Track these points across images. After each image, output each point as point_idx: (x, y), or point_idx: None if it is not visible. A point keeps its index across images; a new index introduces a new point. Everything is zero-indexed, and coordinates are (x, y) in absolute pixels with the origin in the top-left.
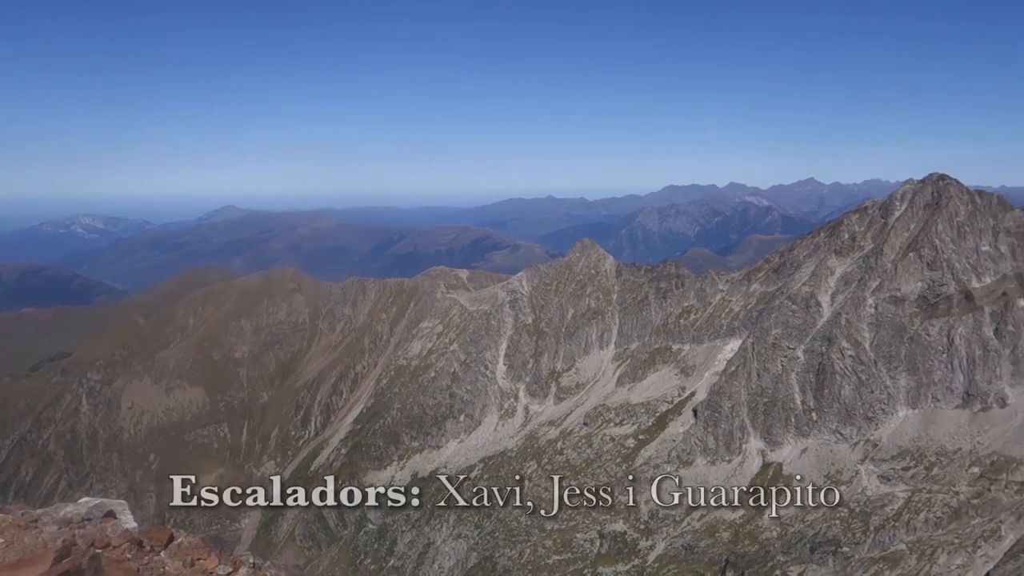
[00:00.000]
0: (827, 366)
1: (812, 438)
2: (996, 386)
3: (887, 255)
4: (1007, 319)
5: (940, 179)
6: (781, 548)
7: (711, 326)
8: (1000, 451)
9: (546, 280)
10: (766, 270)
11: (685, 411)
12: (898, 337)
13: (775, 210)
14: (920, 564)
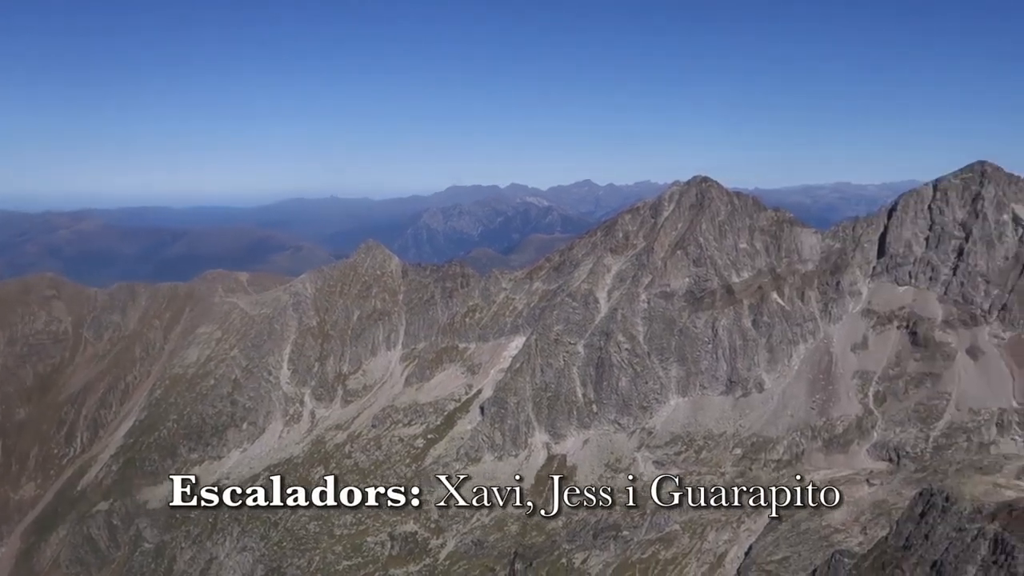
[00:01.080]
0: (605, 359)
1: (593, 429)
2: (755, 373)
3: (657, 253)
4: (763, 311)
5: (703, 181)
6: (566, 537)
7: (496, 324)
8: (759, 432)
9: (330, 282)
10: (547, 269)
11: (472, 409)
12: (669, 330)
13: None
14: (692, 542)
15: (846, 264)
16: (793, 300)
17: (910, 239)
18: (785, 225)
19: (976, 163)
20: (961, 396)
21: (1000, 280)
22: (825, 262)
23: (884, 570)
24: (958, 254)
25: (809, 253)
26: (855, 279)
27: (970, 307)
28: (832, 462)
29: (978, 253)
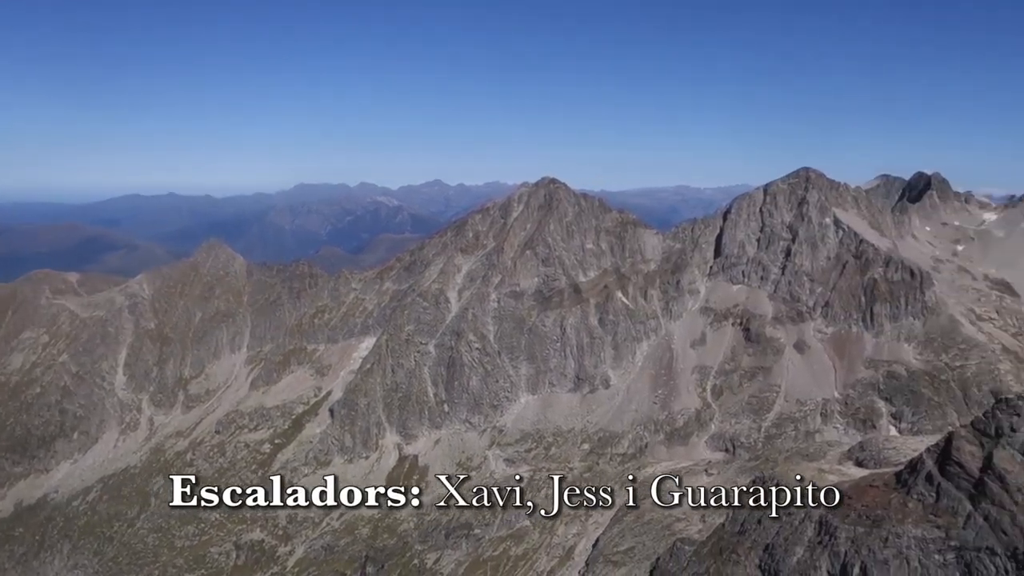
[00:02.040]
0: (456, 359)
1: (445, 428)
2: (601, 370)
3: (507, 253)
4: (608, 309)
5: (551, 183)
6: (419, 537)
7: (345, 325)
8: (606, 427)
9: (170, 282)
10: (398, 268)
11: (322, 411)
12: (518, 329)
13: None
14: (542, 537)
15: (686, 264)
16: (637, 299)
17: (743, 240)
18: (629, 226)
19: (801, 169)
20: (789, 388)
21: (823, 279)
22: (666, 262)
23: (721, 555)
24: (786, 254)
25: (651, 253)
26: (694, 278)
27: (797, 304)
28: (674, 454)
29: (803, 254)
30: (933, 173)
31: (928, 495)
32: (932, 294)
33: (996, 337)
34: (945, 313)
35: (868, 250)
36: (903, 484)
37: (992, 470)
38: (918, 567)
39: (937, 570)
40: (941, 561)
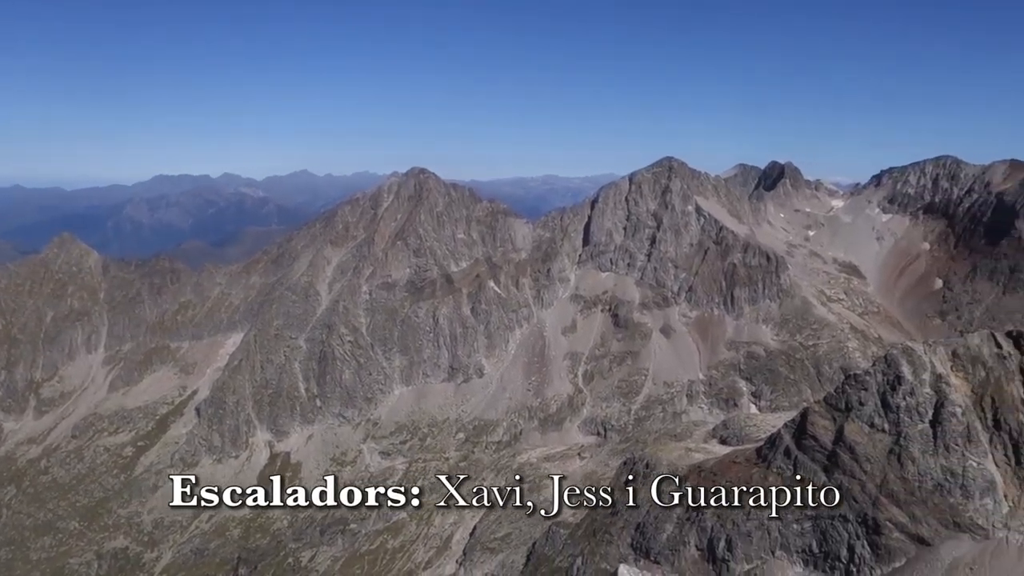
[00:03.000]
0: (328, 353)
1: (317, 424)
2: (475, 359)
3: (378, 244)
4: (480, 299)
5: (421, 172)
6: (292, 536)
7: (211, 321)
8: (480, 416)
9: (17, 280)
10: (265, 262)
11: (188, 411)
12: (391, 320)
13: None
14: (419, 528)
15: (556, 253)
16: (509, 288)
17: (611, 228)
18: (500, 216)
19: (664, 159)
20: (657, 371)
21: (687, 264)
22: (537, 251)
23: (595, 536)
24: (651, 242)
25: (522, 242)
26: (564, 266)
27: (662, 290)
28: (548, 440)
29: (668, 241)
30: (786, 163)
31: (786, 468)
32: (787, 278)
33: (845, 317)
34: (799, 295)
35: (728, 236)
36: (763, 459)
37: (843, 442)
38: (778, 537)
39: (795, 539)
40: (799, 530)
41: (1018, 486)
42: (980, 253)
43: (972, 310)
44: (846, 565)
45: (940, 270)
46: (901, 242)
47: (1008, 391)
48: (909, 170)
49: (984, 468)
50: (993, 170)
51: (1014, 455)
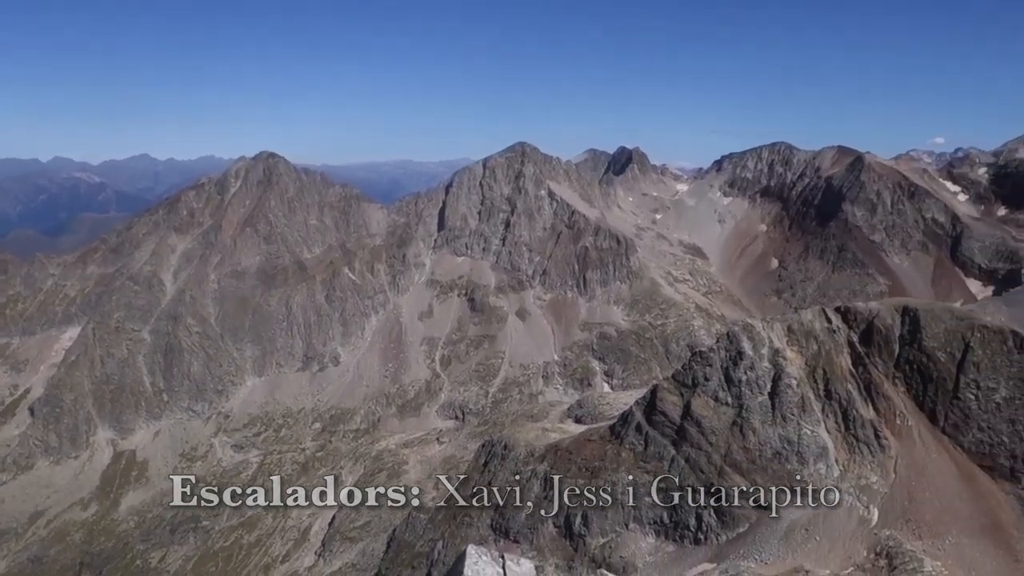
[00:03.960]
0: (175, 345)
1: (165, 419)
2: (330, 347)
3: (226, 231)
4: (335, 286)
5: (270, 157)
6: (140, 537)
7: (44, 315)
8: (337, 405)
9: None
10: (103, 251)
11: (20, 411)
12: (242, 309)
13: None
14: (276, 521)
15: (411, 238)
16: (364, 274)
17: (465, 213)
18: (353, 201)
19: (517, 144)
20: (513, 353)
21: (540, 248)
22: (392, 236)
23: (456, 519)
24: (506, 226)
25: (377, 228)
26: (419, 251)
27: (517, 273)
28: (406, 426)
29: (522, 225)
30: (634, 148)
31: (638, 443)
32: (636, 259)
33: (690, 297)
34: (647, 277)
35: (580, 220)
36: (616, 436)
37: (691, 416)
38: (631, 510)
39: (647, 511)
40: (651, 502)
41: (847, 451)
42: (812, 234)
43: (805, 287)
44: (694, 533)
45: (776, 250)
46: (741, 224)
47: (838, 363)
48: (747, 155)
49: (817, 435)
50: (822, 156)
51: (843, 422)
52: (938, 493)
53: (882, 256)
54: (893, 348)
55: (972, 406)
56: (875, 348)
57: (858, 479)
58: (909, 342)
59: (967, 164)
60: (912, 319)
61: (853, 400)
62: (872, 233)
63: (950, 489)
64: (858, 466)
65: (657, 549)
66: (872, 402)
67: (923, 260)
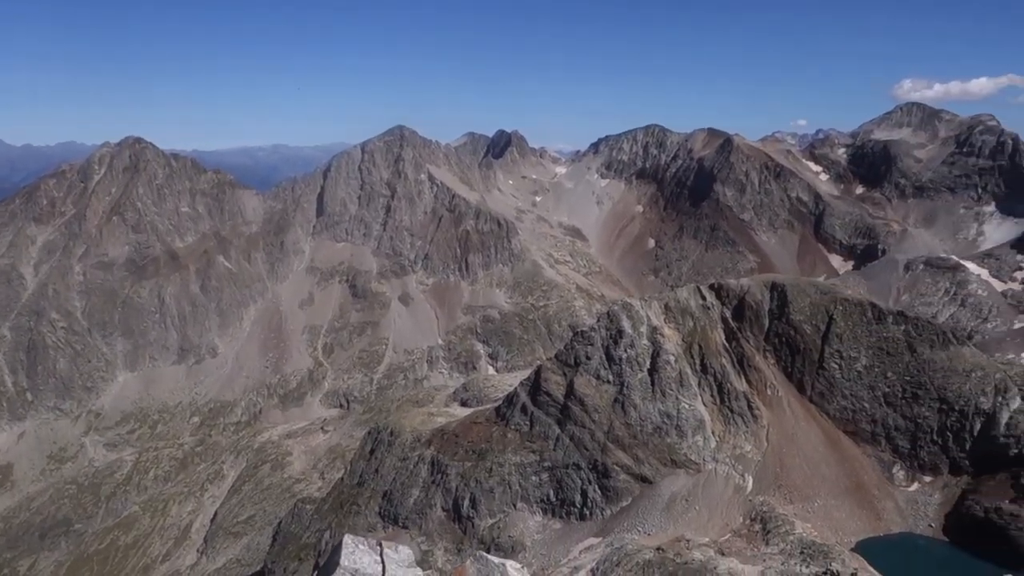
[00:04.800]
0: (38, 341)
1: (30, 420)
2: (207, 339)
3: (91, 220)
4: (210, 275)
5: (136, 142)
6: (6, 544)
7: None
8: (216, 397)
9: None
10: None
11: None
12: (111, 302)
13: None
14: (154, 520)
15: (289, 224)
16: (240, 262)
17: (344, 198)
18: (227, 187)
19: (396, 128)
20: (397, 339)
21: (422, 233)
22: (269, 223)
23: (342, 508)
24: (386, 211)
25: (252, 215)
26: (298, 238)
27: (399, 258)
28: (289, 416)
29: (402, 209)
30: (513, 131)
31: (524, 424)
32: (517, 242)
33: (571, 278)
34: (529, 259)
35: (460, 204)
36: (502, 417)
37: (574, 395)
38: (519, 490)
39: (534, 490)
40: (537, 482)
41: (723, 422)
42: (685, 214)
43: (680, 266)
44: (580, 509)
45: (652, 231)
46: (618, 206)
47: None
48: (623, 138)
49: (695, 409)
50: (694, 138)
51: (719, 395)
52: (807, 459)
53: (751, 234)
54: (763, 322)
55: (836, 375)
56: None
57: (733, 449)
58: (778, 316)
59: (827, 145)
60: (780, 294)
61: (727, 373)
62: (742, 212)
63: (817, 455)
64: (733, 436)
65: (544, 527)
66: (745, 374)
67: (789, 237)
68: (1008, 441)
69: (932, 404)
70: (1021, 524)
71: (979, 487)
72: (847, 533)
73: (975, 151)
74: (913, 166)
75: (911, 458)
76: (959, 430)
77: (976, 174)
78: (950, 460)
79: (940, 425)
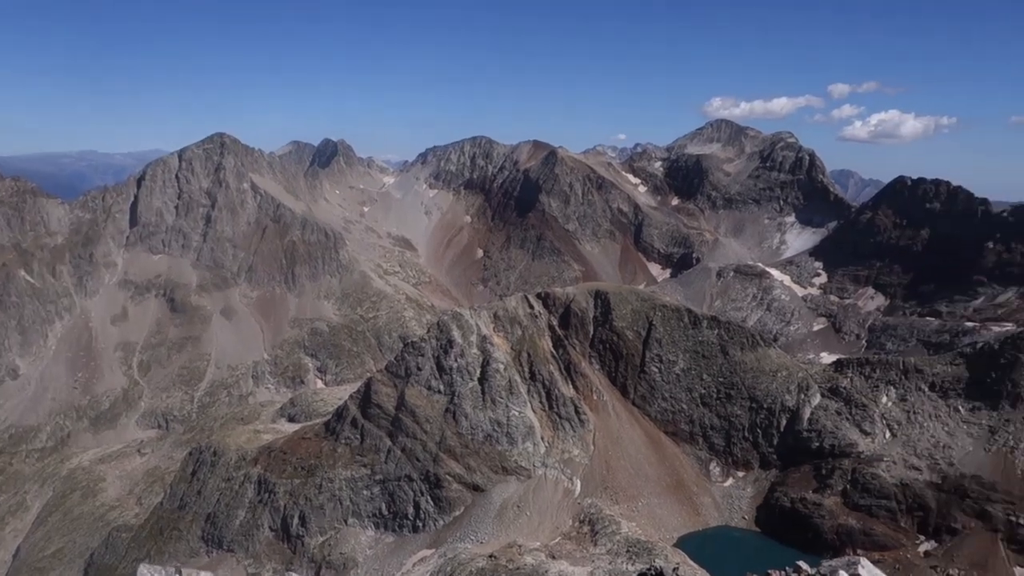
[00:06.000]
0: None
1: None
2: (7, 359)
3: None
4: (10, 290)
5: None
6: None
7: None
8: (17, 422)
9: None
10: None
11: None
12: None
13: None
14: None
15: (99, 235)
16: (44, 276)
17: (161, 208)
18: (28, 196)
19: (216, 135)
20: (220, 355)
21: (245, 244)
22: (76, 234)
23: (162, 534)
24: (207, 221)
25: (57, 225)
26: (109, 250)
27: (221, 271)
28: (102, 440)
29: (224, 220)
30: (339, 140)
31: (354, 438)
32: (345, 253)
33: (401, 288)
34: (357, 270)
35: (286, 214)
36: (332, 432)
37: (405, 406)
38: (350, 505)
39: (366, 504)
40: (369, 496)
41: (552, 428)
42: (513, 224)
43: (508, 276)
44: (413, 521)
45: (480, 241)
46: (447, 216)
47: (540, 345)
48: (450, 149)
49: (524, 416)
50: (520, 150)
51: (547, 401)
52: (631, 460)
53: (576, 244)
54: (588, 329)
55: (656, 378)
56: (573, 330)
57: (562, 454)
58: (602, 323)
59: (645, 159)
60: (604, 301)
61: (555, 380)
62: (567, 222)
63: (641, 455)
64: (562, 441)
65: (377, 541)
66: (572, 380)
67: (611, 247)
68: (811, 435)
69: (743, 403)
70: (823, 512)
71: (786, 479)
72: (669, 529)
73: (777, 166)
74: (723, 179)
75: (726, 455)
76: (767, 427)
77: (778, 187)
78: (760, 455)
79: (751, 423)
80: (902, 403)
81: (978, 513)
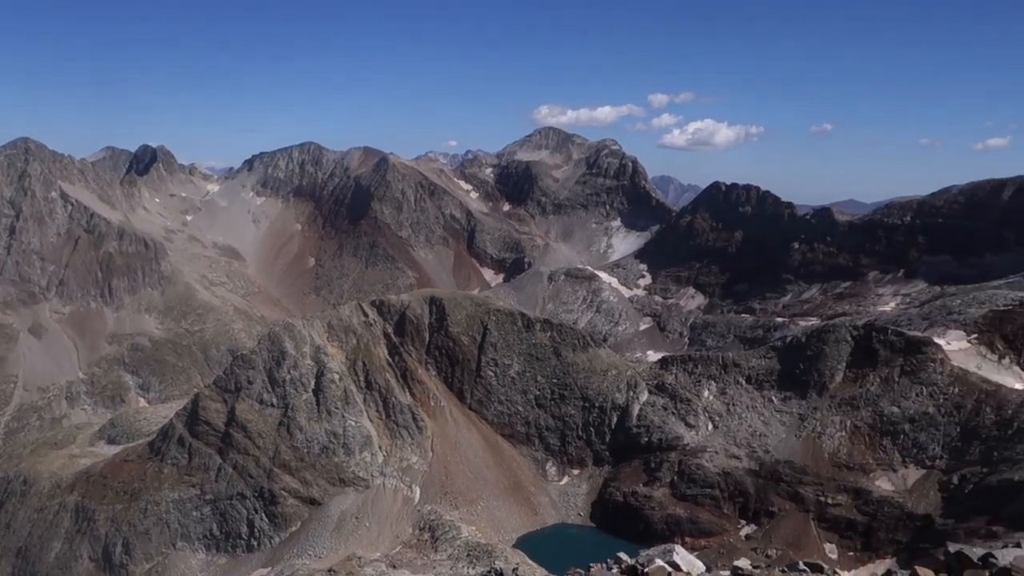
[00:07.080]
0: None
1: None
2: None
3: None
4: None
5: None
6: None
7: None
8: None
9: None
10: None
11: None
12: None
13: None
14: None
15: None
16: None
17: None
18: None
19: (19, 140)
20: (28, 376)
21: (55, 256)
22: None
23: None
24: (11, 232)
25: None
26: None
27: (28, 285)
28: None
29: (31, 231)
30: (159, 146)
31: (181, 457)
32: (168, 264)
33: (228, 300)
34: (181, 281)
35: (101, 224)
36: (157, 452)
37: (236, 422)
38: (179, 528)
39: (196, 526)
40: (199, 517)
41: (389, 436)
42: (345, 232)
43: (342, 284)
44: (247, 541)
45: (312, 249)
46: (276, 224)
47: (376, 353)
48: (278, 155)
49: (361, 425)
50: (351, 156)
51: (384, 409)
52: (469, 465)
53: (409, 250)
54: (424, 336)
55: (492, 382)
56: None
57: (400, 462)
58: (437, 329)
59: (476, 165)
60: (439, 308)
61: (392, 388)
62: (400, 229)
63: (479, 459)
64: (400, 449)
65: (209, 564)
66: (409, 388)
67: (445, 253)
68: (640, 431)
69: (577, 403)
70: (653, 504)
71: (618, 474)
72: (509, 530)
73: (602, 172)
74: (552, 185)
75: (561, 454)
76: (600, 424)
77: (604, 192)
78: (594, 453)
79: (584, 421)
80: (722, 396)
81: (791, 496)
